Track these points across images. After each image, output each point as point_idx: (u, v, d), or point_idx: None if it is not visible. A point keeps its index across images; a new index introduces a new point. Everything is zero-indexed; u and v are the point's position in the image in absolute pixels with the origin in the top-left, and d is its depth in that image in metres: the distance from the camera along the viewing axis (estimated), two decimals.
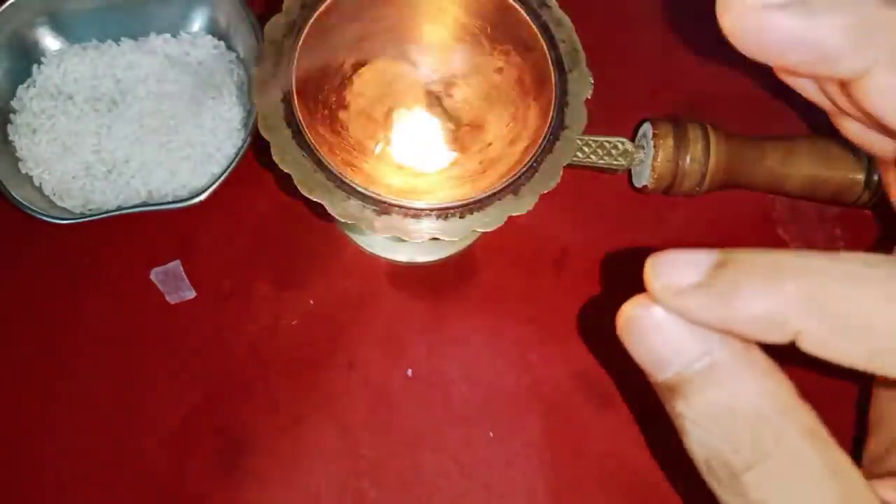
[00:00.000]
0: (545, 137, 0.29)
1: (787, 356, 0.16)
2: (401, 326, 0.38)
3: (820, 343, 0.14)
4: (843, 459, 0.15)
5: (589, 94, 0.30)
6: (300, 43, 0.29)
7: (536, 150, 0.29)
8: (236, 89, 0.40)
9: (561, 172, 0.29)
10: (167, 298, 0.37)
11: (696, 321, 0.15)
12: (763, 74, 0.15)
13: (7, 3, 0.38)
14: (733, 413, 0.15)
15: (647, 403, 0.37)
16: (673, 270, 0.15)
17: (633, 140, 0.38)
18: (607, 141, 0.36)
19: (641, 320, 0.16)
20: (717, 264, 0.15)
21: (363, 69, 0.33)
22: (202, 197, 0.36)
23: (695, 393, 0.15)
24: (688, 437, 0.16)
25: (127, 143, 0.38)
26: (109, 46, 0.41)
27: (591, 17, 0.33)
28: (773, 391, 0.15)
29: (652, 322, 0.16)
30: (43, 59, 0.40)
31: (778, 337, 0.14)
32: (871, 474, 0.17)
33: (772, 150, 0.37)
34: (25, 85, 0.40)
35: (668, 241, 0.40)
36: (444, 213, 0.28)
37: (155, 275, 0.38)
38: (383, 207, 0.28)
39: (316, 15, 0.30)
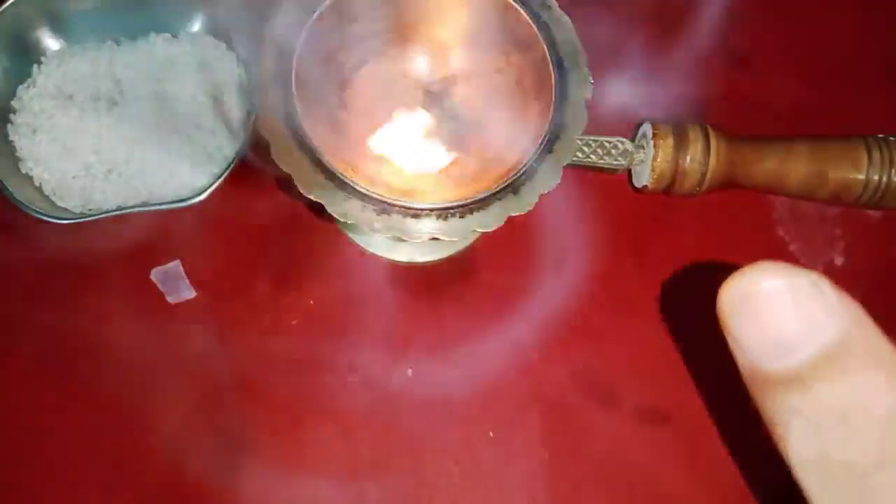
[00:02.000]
0: (545, 137, 0.29)
1: None
2: (401, 326, 0.38)
3: None
4: None
5: (589, 94, 0.30)
6: (300, 43, 0.29)
7: (536, 150, 0.29)
8: (236, 89, 0.40)
9: (561, 172, 0.29)
10: (167, 298, 0.37)
11: None
12: (763, 75, 0.15)
13: (7, 3, 0.38)
14: (867, 411, 0.13)
15: (647, 403, 0.37)
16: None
17: (633, 140, 0.38)
18: (607, 141, 0.36)
19: (766, 294, 0.13)
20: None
21: (363, 69, 0.33)
22: (202, 197, 0.36)
23: (822, 385, 0.13)
24: (795, 435, 0.14)
25: (127, 143, 0.38)
26: (109, 46, 0.41)
27: (591, 17, 0.33)
28: None
29: (780, 297, 0.13)
30: (43, 59, 0.40)
31: None
32: None
33: (772, 150, 0.37)
34: (25, 85, 0.40)
35: (668, 241, 0.40)
36: (444, 213, 0.28)
37: (155, 275, 0.38)
38: (383, 207, 0.28)
39: (316, 15, 0.30)
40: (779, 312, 0.13)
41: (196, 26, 0.42)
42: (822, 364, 0.13)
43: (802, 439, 0.13)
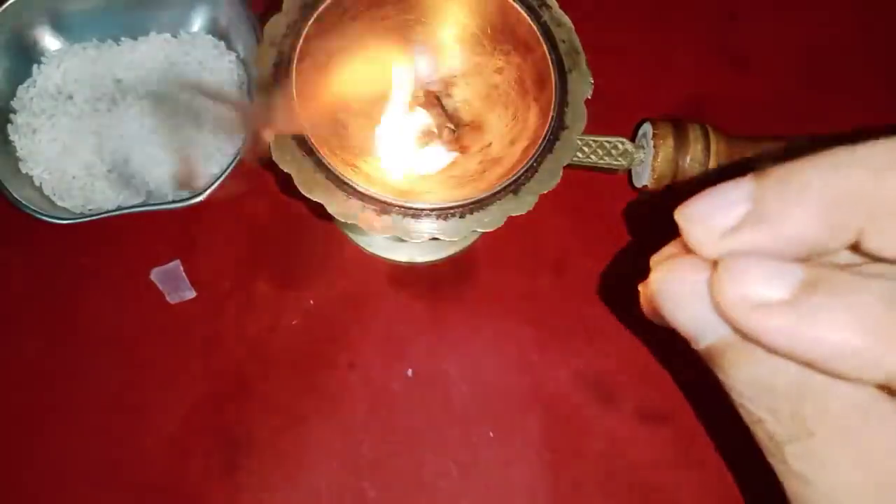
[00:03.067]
0: (545, 137, 0.29)
1: None
2: (401, 326, 0.38)
3: None
4: None
5: (589, 94, 0.30)
6: (300, 43, 0.29)
7: (536, 150, 0.29)
8: (236, 89, 0.40)
9: (561, 172, 0.29)
10: (167, 298, 0.37)
11: (767, 342, 0.13)
12: (763, 75, 0.14)
13: (7, 3, 0.38)
14: (773, 389, 0.14)
15: (647, 403, 0.37)
16: (753, 278, 0.13)
17: (633, 140, 0.38)
18: (607, 141, 0.36)
19: (683, 290, 0.15)
20: (806, 283, 0.13)
21: (363, 69, 0.33)
22: (202, 197, 0.36)
23: (733, 365, 0.14)
24: (734, 401, 0.15)
25: (127, 143, 0.38)
26: (109, 46, 0.41)
27: (591, 17, 0.33)
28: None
29: (696, 293, 0.14)
30: (43, 59, 0.40)
31: (870, 375, 0.13)
32: None
33: (771, 150, 0.37)
34: (25, 85, 0.40)
35: (668, 241, 0.40)
36: (444, 213, 0.28)
37: (155, 275, 0.38)
38: (383, 207, 0.28)
39: (316, 15, 0.30)
40: (691, 301, 0.15)
41: (196, 26, 0.42)
42: (731, 347, 0.14)
43: (739, 406, 0.15)
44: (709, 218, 0.14)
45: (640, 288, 0.16)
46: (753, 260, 0.14)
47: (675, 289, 0.15)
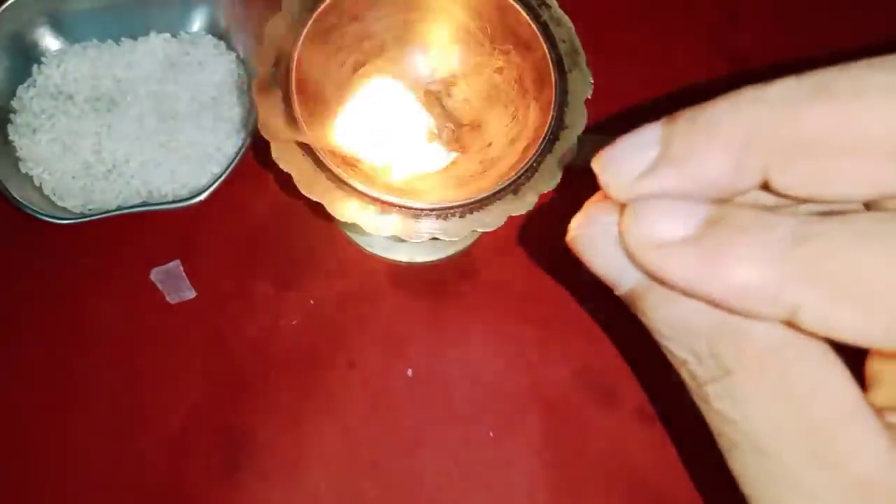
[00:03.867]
0: (545, 137, 0.29)
1: None
2: (401, 326, 0.38)
3: (823, 318, 0.12)
4: (824, 377, 0.13)
5: (589, 94, 0.30)
6: (300, 43, 0.29)
7: (536, 150, 0.29)
8: (236, 89, 0.40)
9: (561, 172, 0.29)
10: (167, 298, 0.37)
11: (673, 282, 0.13)
12: (763, 74, 0.14)
13: (7, 3, 0.38)
14: (691, 330, 0.14)
15: (647, 403, 0.37)
16: (657, 218, 0.13)
17: None
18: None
19: (597, 234, 0.15)
20: (710, 221, 0.13)
21: (363, 69, 0.33)
22: (202, 197, 0.36)
23: (651, 308, 0.14)
24: (660, 344, 0.15)
25: (127, 143, 0.38)
26: (109, 46, 0.41)
27: (592, 17, 0.33)
28: None
29: (610, 236, 0.14)
30: (43, 59, 0.40)
31: (771, 311, 0.12)
32: None
33: None
34: (25, 85, 0.40)
35: None
36: (444, 213, 0.28)
37: (155, 275, 0.38)
38: (383, 207, 0.28)
39: (316, 15, 0.30)
40: (607, 249, 0.15)
41: (196, 26, 0.42)
42: (648, 291, 0.14)
43: (663, 347, 0.15)
44: (621, 163, 0.14)
45: (566, 240, 0.16)
46: (660, 201, 0.14)
47: (589, 233, 0.15)
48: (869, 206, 0.14)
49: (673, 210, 0.13)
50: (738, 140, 0.13)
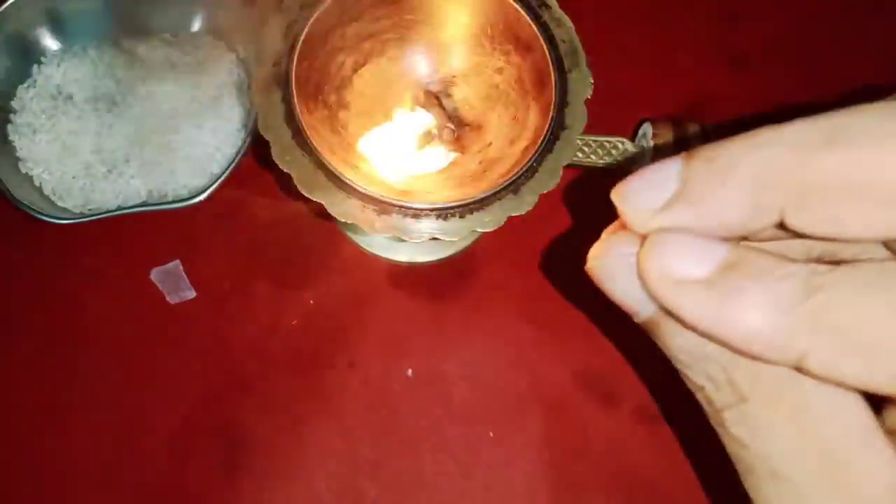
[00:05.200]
0: (545, 137, 0.29)
1: None
2: (401, 326, 0.38)
3: (828, 366, 0.12)
4: (838, 403, 0.13)
5: (589, 94, 0.30)
6: (300, 43, 0.29)
7: (536, 150, 0.29)
8: (236, 89, 0.40)
9: (561, 172, 0.29)
10: (167, 298, 0.37)
11: (686, 320, 0.14)
12: (763, 75, 0.14)
13: (7, 3, 0.38)
14: (708, 358, 0.14)
15: (647, 403, 0.37)
16: (675, 256, 0.14)
17: (633, 140, 0.38)
18: (607, 141, 0.36)
19: (616, 264, 0.15)
20: (726, 265, 0.13)
21: (363, 69, 0.33)
22: (202, 197, 0.36)
23: (669, 336, 0.15)
24: (678, 370, 0.16)
25: (127, 143, 0.38)
26: (109, 46, 0.41)
27: (592, 17, 0.33)
28: None
29: (628, 267, 0.15)
30: (43, 59, 0.40)
31: (779, 357, 0.13)
32: None
33: None
34: (25, 85, 0.40)
35: None
36: (444, 213, 0.28)
37: (155, 275, 0.38)
38: (383, 207, 0.28)
39: (316, 15, 0.30)
40: (627, 277, 0.15)
41: (196, 26, 0.42)
42: (665, 319, 0.15)
43: (682, 373, 0.15)
44: (640, 195, 0.15)
45: (586, 268, 0.17)
46: (678, 236, 0.14)
47: (608, 263, 0.16)
48: (888, 244, 0.15)
49: (690, 249, 0.14)
50: (754, 181, 0.13)
